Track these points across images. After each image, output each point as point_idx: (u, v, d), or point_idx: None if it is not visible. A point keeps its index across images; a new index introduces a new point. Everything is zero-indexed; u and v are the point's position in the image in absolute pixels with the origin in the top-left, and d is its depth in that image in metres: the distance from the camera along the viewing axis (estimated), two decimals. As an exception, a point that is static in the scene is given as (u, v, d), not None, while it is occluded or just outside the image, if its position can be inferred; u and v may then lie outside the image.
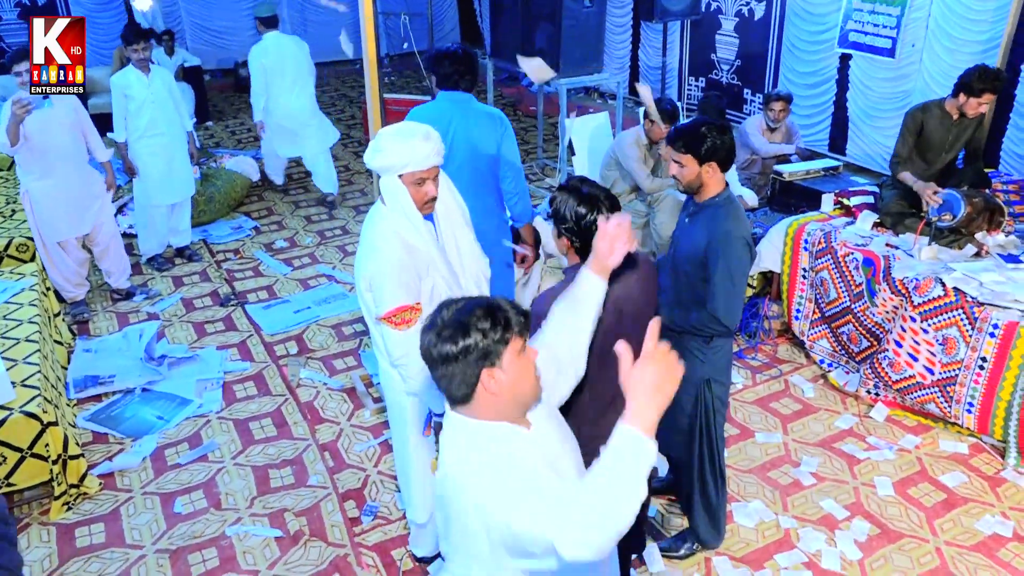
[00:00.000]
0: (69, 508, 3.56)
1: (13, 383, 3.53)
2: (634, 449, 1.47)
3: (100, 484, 3.71)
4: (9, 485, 3.46)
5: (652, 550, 3.22)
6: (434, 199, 2.61)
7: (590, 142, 5.72)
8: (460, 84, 3.70)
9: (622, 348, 1.54)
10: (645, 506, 3.09)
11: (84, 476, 3.65)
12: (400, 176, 2.53)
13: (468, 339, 1.58)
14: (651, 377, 1.49)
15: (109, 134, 5.49)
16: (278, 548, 3.35)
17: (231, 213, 6.82)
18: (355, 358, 4.71)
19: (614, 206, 2.33)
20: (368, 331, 4.55)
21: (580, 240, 2.32)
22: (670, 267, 2.98)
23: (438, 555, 3.20)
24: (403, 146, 2.50)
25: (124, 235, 6.21)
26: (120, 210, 6.36)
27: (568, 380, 2.00)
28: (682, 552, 3.22)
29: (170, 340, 4.92)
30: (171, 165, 5.54)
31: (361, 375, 4.49)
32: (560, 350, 1.97)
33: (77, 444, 3.70)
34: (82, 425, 4.10)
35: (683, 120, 5.26)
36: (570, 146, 5.79)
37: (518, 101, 10.32)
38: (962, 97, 4.12)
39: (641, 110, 4.91)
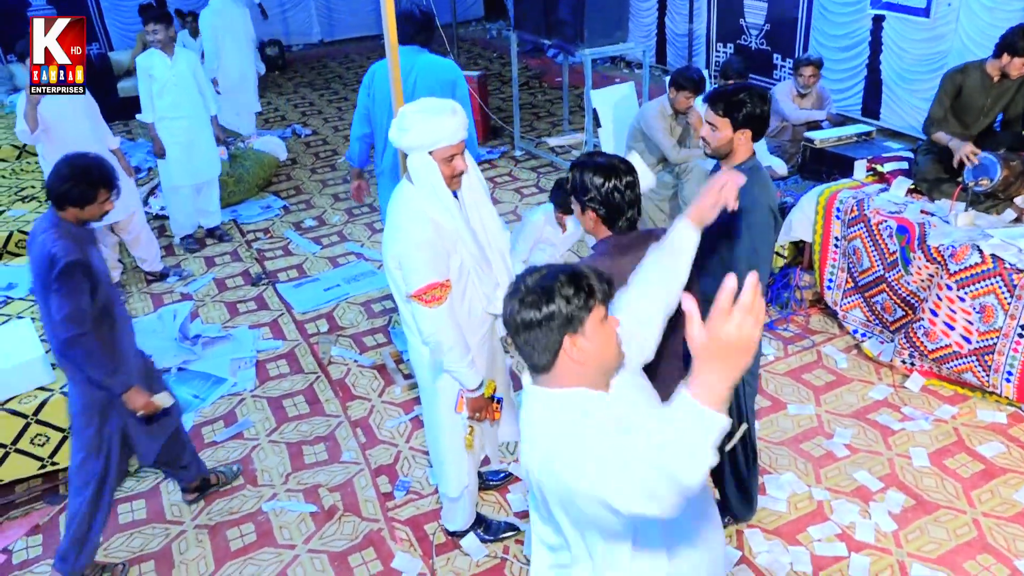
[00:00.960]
0: (111, 486, 3.65)
1: (52, 365, 3.61)
2: (697, 423, 1.32)
3: (140, 462, 3.80)
4: (53, 464, 3.55)
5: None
6: (462, 173, 2.60)
7: (615, 113, 5.66)
8: (415, 40, 4.10)
9: (690, 304, 1.36)
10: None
11: (124, 454, 3.73)
12: (431, 153, 2.53)
13: (552, 305, 1.58)
14: (734, 335, 1.29)
15: (138, 116, 5.54)
16: (313, 523, 3.41)
17: (260, 193, 6.87)
18: (385, 335, 4.75)
19: (630, 170, 2.33)
20: (397, 308, 4.59)
21: (606, 209, 2.31)
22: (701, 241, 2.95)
23: (470, 529, 3.24)
24: (432, 123, 2.49)
25: (157, 216, 6.32)
26: (152, 192, 6.44)
27: (656, 331, 1.99)
28: None
29: (203, 320, 5.00)
30: (192, 147, 5.56)
31: (391, 352, 4.53)
32: (649, 304, 1.97)
33: (116, 423, 3.78)
34: (121, 405, 4.18)
35: (709, 88, 5.18)
36: (596, 118, 5.73)
37: (543, 73, 10.23)
38: (1005, 58, 3.99)
39: (667, 79, 4.83)
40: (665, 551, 1.74)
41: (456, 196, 2.68)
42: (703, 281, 2.82)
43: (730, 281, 1.32)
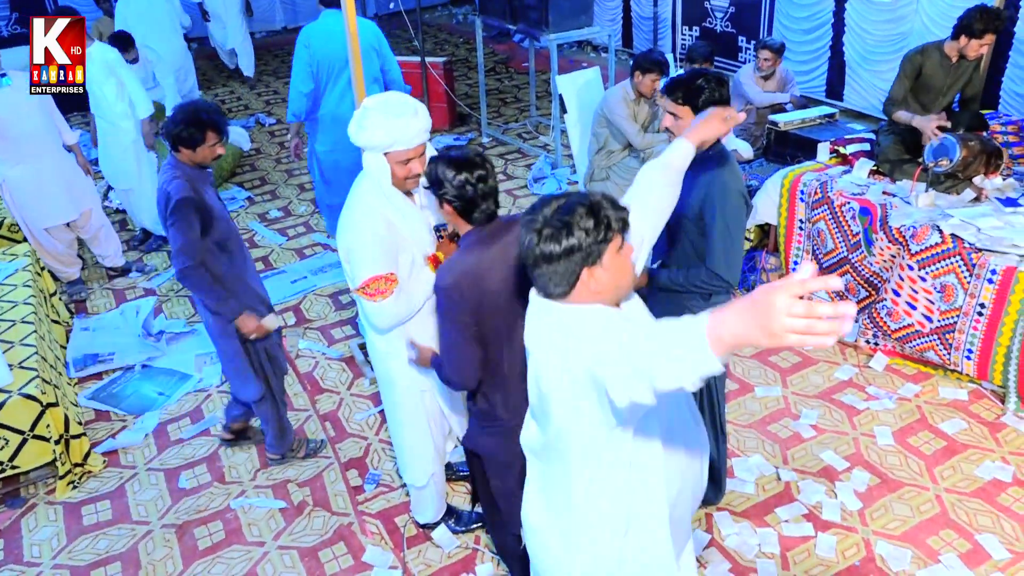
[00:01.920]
0: (74, 487, 3.59)
1: (11, 365, 3.54)
2: (693, 354, 1.30)
3: (104, 462, 3.74)
4: (13, 468, 3.48)
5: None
6: (418, 176, 2.56)
7: (580, 98, 5.63)
8: (336, 4, 4.35)
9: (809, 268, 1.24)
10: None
11: (88, 455, 3.67)
12: (385, 154, 2.50)
13: (571, 239, 1.59)
14: (777, 307, 1.19)
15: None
16: (283, 519, 3.38)
17: (224, 184, 6.77)
18: (353, 327, 4.71)
19: (484, 162, 2.33)
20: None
21: (460, 202, 2.30)
22: (665, 227, 2.94)
23: (441, 521, 3.24)
24: (391, 124, 2.45)
25: (117, 211, 6.20)
26: (111, 187, 6.32)
27: (646, 252, 2.10)
28: None
29: (167, 315, 4.92)
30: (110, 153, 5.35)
31: (359, 343, 4.49)
32: (644, 226, 2.04)
33: (79, 423, 3.72)
34: (84, 404, 4.12)
35: (674, 72, 5.18)
36: (562, 103, 5.71)
37: (509, 58, 10.17)
38: (963, 39, 4.03)
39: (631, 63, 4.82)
40: (660, 444, 1.80)
41: (413, 193, 2.65)
42: (675, 273, 2.80)
43: (811, 265, 1.23)
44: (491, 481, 2.61)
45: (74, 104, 7.74)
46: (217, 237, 3.09)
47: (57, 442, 3.49)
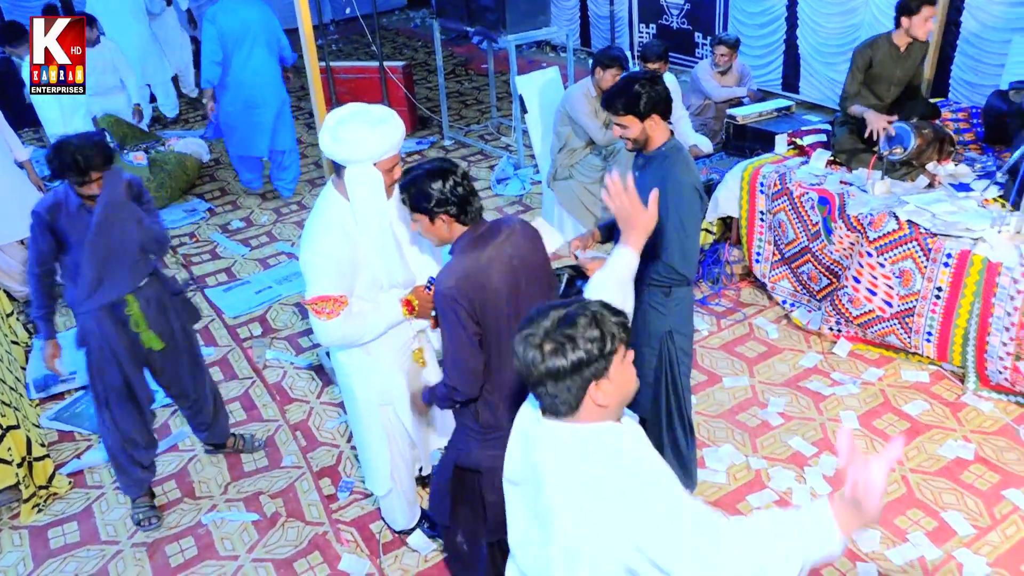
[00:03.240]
0: (40, 510, 3.52)
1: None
2: (821, 534, 1.43)
3: (70, 483, 3.67)
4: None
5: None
6: (396, 181, 2.54)
7: (541, 98, 5.65)
8: None
9: (847, 440, 1.49)
10: None
11: (52, 476, 3.60)
12: (376, 164, 2.46)
13: (578, 352, 1.51)
14: (878, 485, 1.42)
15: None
16: (256, 531, 3.34)
17: (184, 196, 6.67)
18: (320, 335, 4.67)
19: (455, 164, 2.33)
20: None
21: (457, 205, 2.28)
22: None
23: (417, 526, 3.22)
24: (378, 132, 2.42)
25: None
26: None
27: None
28: None
29: (130, 331, 4.83)
30: None
31: (327, 352, 4.45)
32: None
33: (42, 445, 3.64)
34: (46, 425, 4.03)
35: (633, 68, 5.23)
36: (523, 104, 5.72)
37: (469, 60, 10.17)
38: (904, 21, 4.11)
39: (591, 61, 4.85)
40: None
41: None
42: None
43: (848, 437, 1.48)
44: (487, 497, 2.51)
45: (25, 120, 7.60)
46: (69, 262, 3.07)
47: (20, 465, 3.41)
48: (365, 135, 2.41)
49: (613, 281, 2.07)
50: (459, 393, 2.38)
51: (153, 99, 8.44)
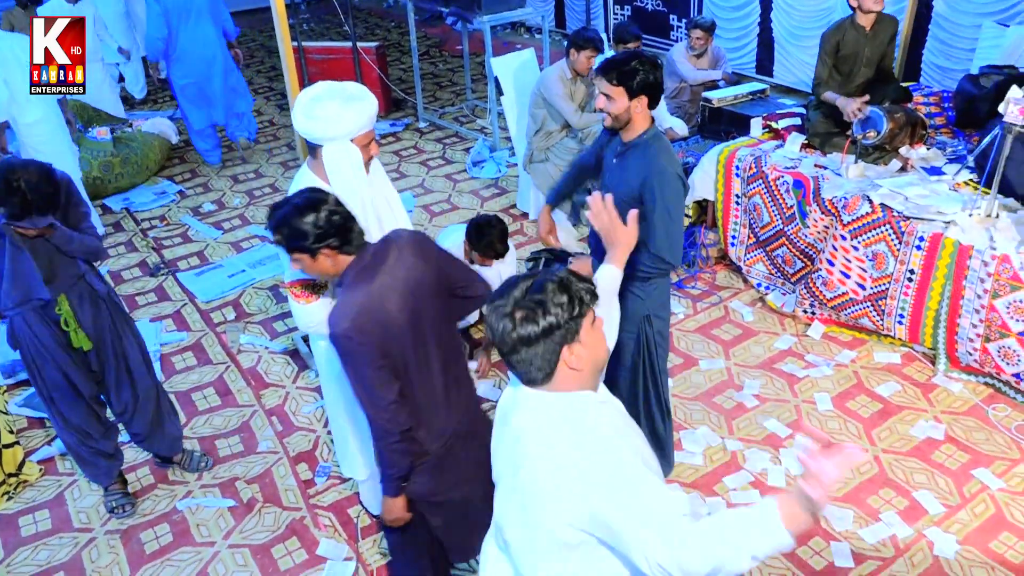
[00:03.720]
0: (10, 498, 3.46)
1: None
2: (768, 529, 1.45)
3: (41, 470, 3.61)
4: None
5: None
6: (373, 157, 2.53)
7: (516, 80, 5.61)
8: None
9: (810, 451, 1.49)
10: None
11: (22, 463, 3.54)
12: (352, 140, 2.43)
13: (548, 317, 1.55)
14: (831, 473, 1.43)
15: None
16: (232, 517, 3.31)
17: (153, 178, 6.56)
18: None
19: (325, 192, 2.20)
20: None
21: (338, 236, 2.13)
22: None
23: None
24: (352, 109, 2.39)
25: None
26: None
27: None
28: None
29: (100, 316, 4.75)
30: None
31: (303, 336, 4.41)
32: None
33: (11, 432, 3.57)
34: (15, 411, 3.95)
35: (608, 50, 5.21)
36: (498, 86, 5.68)
37: (443, 41, 10.07)
38: (853, 0, 4.16)
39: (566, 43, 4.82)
40: None
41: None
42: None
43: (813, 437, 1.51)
44: (431, 521, 2.49)
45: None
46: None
47: (-11, 452, 3.35)
48: (339, 112, 2.38)
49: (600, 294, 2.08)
50: (390, 433, 2.22)
51: (121, 79, 8.27)
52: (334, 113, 2.37)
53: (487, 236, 3.88)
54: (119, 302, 3.27)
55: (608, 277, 2.10)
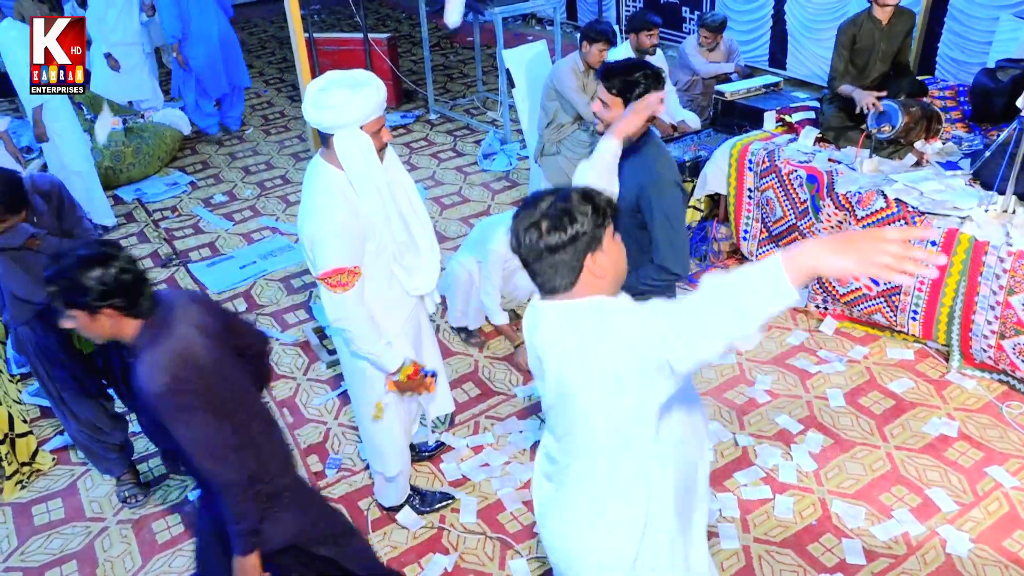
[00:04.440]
0: (23, 487, 3.48)
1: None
2: (773, 287, 1.41)
3: (54, 459, 3.63)
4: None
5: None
6: (386, 144, 2.53)
7: (528, 72, 5.59)
8: None
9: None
10: None
11: (36, 453, 3.56)
12: (362, 127, 2.42)
13: (576, 225, 1.63)
14: (889, 235, 1.36)
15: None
16: (243, 508, 3.32)
17: (164, 169, 6.58)
18: (306, 311, 4.63)
19: (118, 247, 2.07)
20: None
21: (125, 297, 1.96)
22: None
23: (405, 504, 3.22)
24: (360, 95, 2.38)
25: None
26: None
27: None
28: None
29: (112, 306, 4.77)
30: None
31: (314, 328, 4.43)
32: None
33: (24, 421, 3.60)
34: (28, 401, 3.98)
35: (620, 42, 5.18)
36: (510, 78, 5.66)
37: (454, 33, 10.03)
38: None
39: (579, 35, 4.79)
40: (679, 435, 1.86)
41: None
42: (628, 277, 2.75)
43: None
44: (320, 552, 2.36)
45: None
46: None
47: (2, 442, 3.37)
48: (348, 99, 2.37)
49: (599, 166, 2.23)
50: (237, 485, 2.04)
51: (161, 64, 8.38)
52: (342, 100, 2.37)
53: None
54: None
55: (606, 146, 2.24)
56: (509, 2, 6.30)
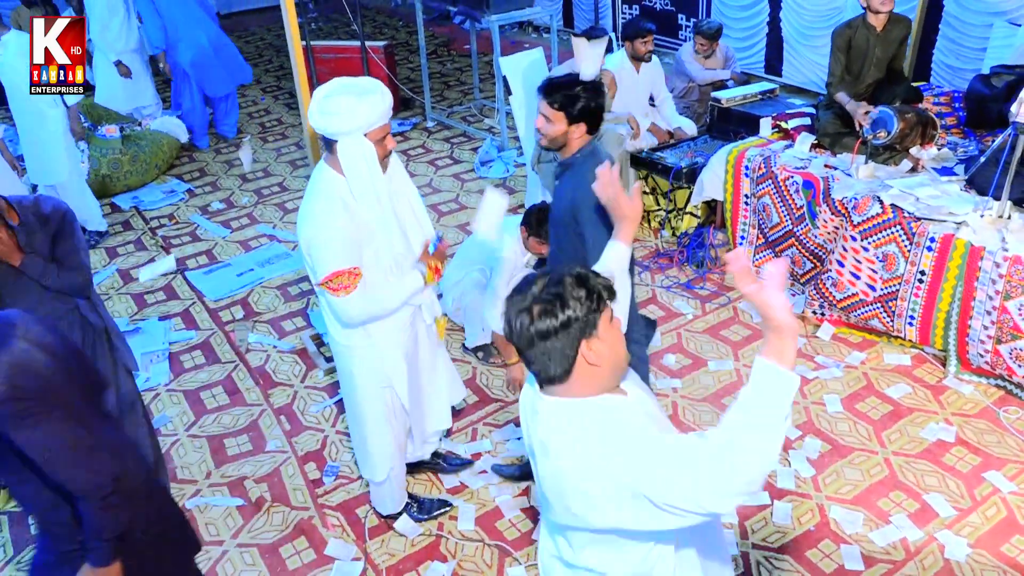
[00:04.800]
0: (19, 496, 3.47)
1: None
2: (777, 384, 1.47)
3: (50, 468, 3.61)
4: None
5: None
6: (390, 152, 2.54)
7: (525, 79, 5.59)
8: None
9: (739, 257, 1.60)
10: None
11: (32, 462, 3.54)
12: (366, 135, 2.43)
13: (567, 311, 1.54)
14: (783, 304, 1.49)
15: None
16: (240, 516, 3.32)
17: (161, 177, 6.57)
18: (304, 318, 4.63)
19: None
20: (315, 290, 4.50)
21: None
22: (553, 232, 2.87)
23: (403, 511, 3.22)
24: (365, 103, 2.39)
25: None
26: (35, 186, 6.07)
27: None
28: None
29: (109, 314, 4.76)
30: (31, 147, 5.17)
31: (311, 335, 4.42)
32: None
33: (21, 430, 3.58)
34: (25, 409, 3.96)
35: (617, 48, 5.20)
36: (506, 85, 5.67)
37: (451, 40, 10.07)
38: (863, 0, 4.15)
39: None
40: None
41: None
42: None
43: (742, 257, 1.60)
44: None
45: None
46: None
47: (-1, 450, 3.36)
48: (353, 106, 2.38)
49: (608, 271, 2.08)
50: (102, 474, 1.94)
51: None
52: (348, 107, 2.38)
53: (546, 224, 3.83)
54: (115, 338, 3.09)
55: (615, 253, 2.11)
56: (506, 10, 6.32)
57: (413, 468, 3.41)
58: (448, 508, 3.25)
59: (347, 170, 2.45)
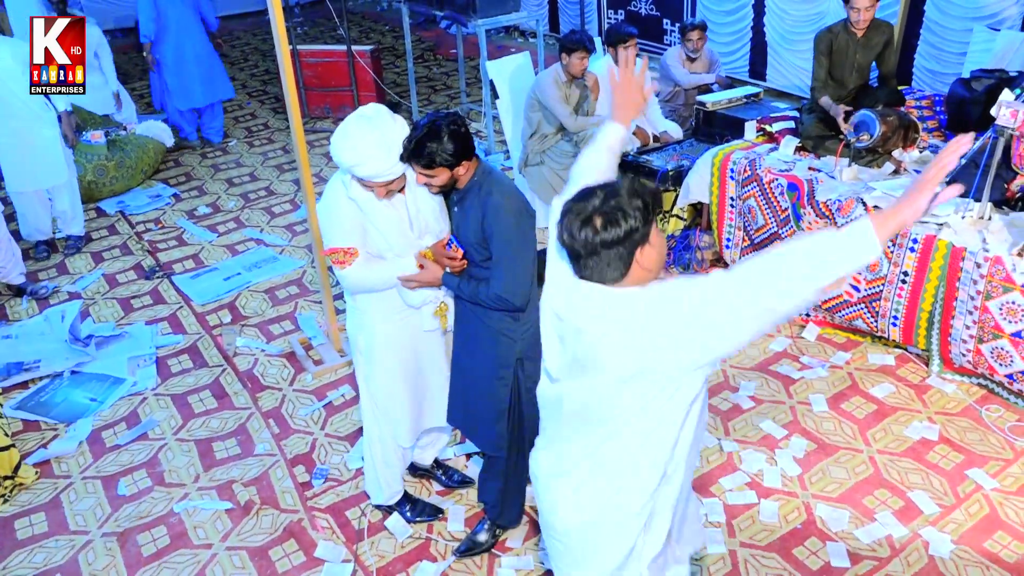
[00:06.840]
0: (5, 501, 3.45)
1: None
2: (860, 244, 1.61)
3: (36, 473, 3.60)
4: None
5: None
6: (394, 191, 2.66)
7: (511, 84, 5.64)
8: None
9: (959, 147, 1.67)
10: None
11: (18, 466, 3.52)
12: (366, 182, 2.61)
13: (629, 221, 1.68)
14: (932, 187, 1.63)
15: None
16: (229, 520, 3.31)
17: (147, 181, 6.55)
18: (292, 322, 4.63)
19: None
20: (302, 294, 4.54)
21: None
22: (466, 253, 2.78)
23: (396, 509, 3.22)
24: (388, 159, 2.52)
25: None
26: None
27: None
28: (481, 538, 3.09)
29: (95, 319, 4.74)
30: (27, 150, 5.03)
31: (299, 338, 4.42)
32: None
33: (6, 435, 3.55)
34: (10, 414, 3.94)
35: (600, 52, 5.23)
36: (493, 89, 5.70)
37: (437, 45, 10.09)
38: (845, 7, 4.21)
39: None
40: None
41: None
42: (460, 279, 2.68)
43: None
44: None
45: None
46: None
47: (-16, 455, 3.34)
48: (376, 158, 2.51)
49: (602, 149, 2.19)
50: None
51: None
52: (369, 156, 2.51)
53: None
54: None
55: (611, 131, 2.19)
56: (492, 14, 6.35)
57: (411, 471, 3.42)
58: (440, 514, 3.26)
59: (351, 190, 2.67)
